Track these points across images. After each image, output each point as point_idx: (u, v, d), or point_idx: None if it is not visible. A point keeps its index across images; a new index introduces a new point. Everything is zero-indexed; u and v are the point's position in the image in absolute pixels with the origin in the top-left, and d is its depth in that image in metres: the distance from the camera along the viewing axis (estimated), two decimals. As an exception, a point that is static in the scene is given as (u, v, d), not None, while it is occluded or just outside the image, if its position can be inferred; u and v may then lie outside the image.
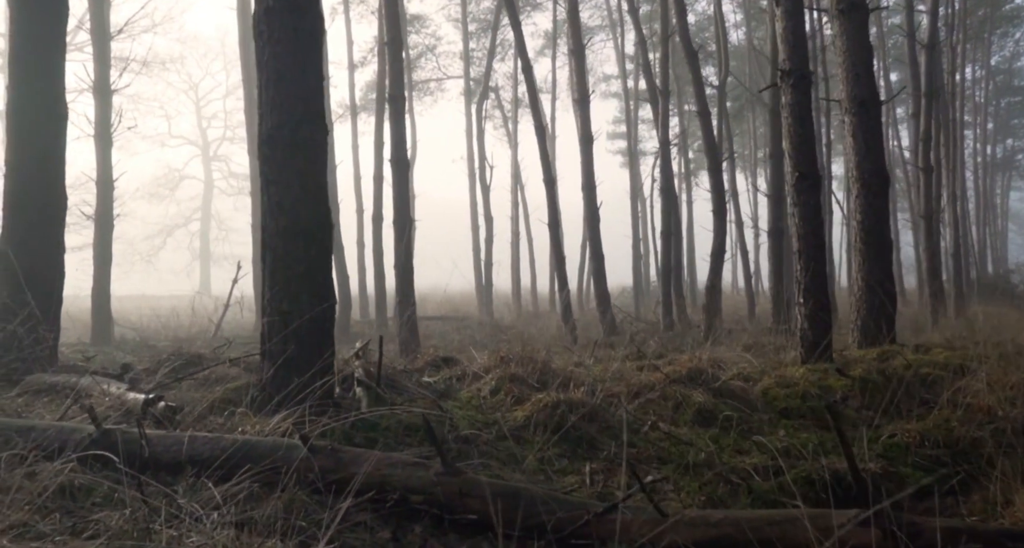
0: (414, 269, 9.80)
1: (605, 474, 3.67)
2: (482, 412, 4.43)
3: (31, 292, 5.25)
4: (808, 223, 5.30)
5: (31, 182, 5.52)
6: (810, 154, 5.37)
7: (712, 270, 12.61)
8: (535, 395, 4.49)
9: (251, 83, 17.80)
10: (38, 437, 3.02)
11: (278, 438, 3.12)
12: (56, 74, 5.68)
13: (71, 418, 3.83)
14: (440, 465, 3.05)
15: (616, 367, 5.42)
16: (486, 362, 5.29)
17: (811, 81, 5.43)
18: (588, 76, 15.41)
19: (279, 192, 4.06)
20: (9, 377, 4.97)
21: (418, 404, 4.42)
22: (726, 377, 4.93)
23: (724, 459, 3.71)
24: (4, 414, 4.02)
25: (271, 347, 4.06)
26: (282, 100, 4.05)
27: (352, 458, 3.07)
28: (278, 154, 4.05)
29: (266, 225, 4.13)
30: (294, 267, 4.07)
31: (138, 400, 3.95)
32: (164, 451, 3.01)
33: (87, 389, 4.41)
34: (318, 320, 4.11)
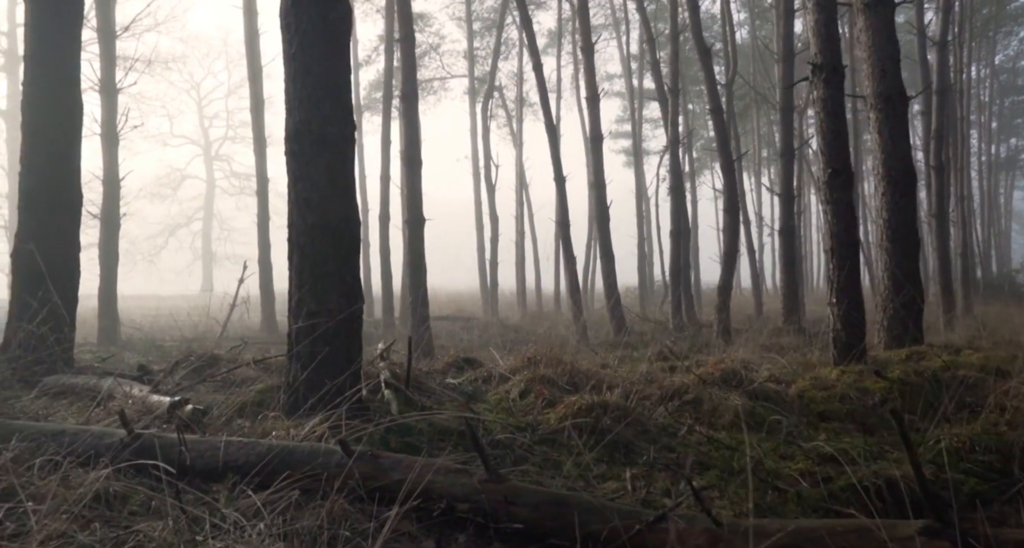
0: (426, 268, 9.70)
1: (646, 480, 3.55)
2: (513, 415, 4.32)
3: (47, 291, 5.13)
4: (841, 220, 5.19)
5: (47, 179, 5.41)
6: (843, 150, 5.26)
7: (724, 270, 12.49)
8: (566, 397, 4.38)
9: (256, 82, 17.69)
10: (69, 442, 2.91)
11: (315, 443, 3.01)
12: (71, 70, 5.57)
13: (95, 421, 3.72)
14: (483, 471, 2.94)
15: (644, 368, 5.31)
16: (512, 363, 5.18)
17: (843, 75, 5.32)
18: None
19: (307, 188, 3.94)
20: (27, 378, 4.86)
21: (447, 407, 4.32)
22: (759, 379, 4.82)
23: (768, 465, 3.60)
24: (27, 417, 3.91)
25: (299, 349, 3.95)
26: (310, 94, 3.94)
27: (392, 464, 2.96)
28: (306, 150, 3.94)
29: (293, 223, 4.02)
30: (323, 266, 3.96)
31: (163, 403, 3.84)
32: (198, 457, 2.90)
33: (109, 391, 4.30)
34: (347, 321, 4.00)
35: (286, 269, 4.13)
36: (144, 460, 2.71)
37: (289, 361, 4.03)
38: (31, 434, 2.93)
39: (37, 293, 5.15)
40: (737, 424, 4.15)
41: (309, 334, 3.94)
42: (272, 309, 16.93)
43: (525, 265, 26.39)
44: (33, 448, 2.81)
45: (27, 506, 2.28)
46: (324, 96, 3.94)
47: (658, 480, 3.53)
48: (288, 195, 4.04)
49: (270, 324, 16.72)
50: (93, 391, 4.51)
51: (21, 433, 2.89)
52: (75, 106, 5.59)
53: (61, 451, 2.81)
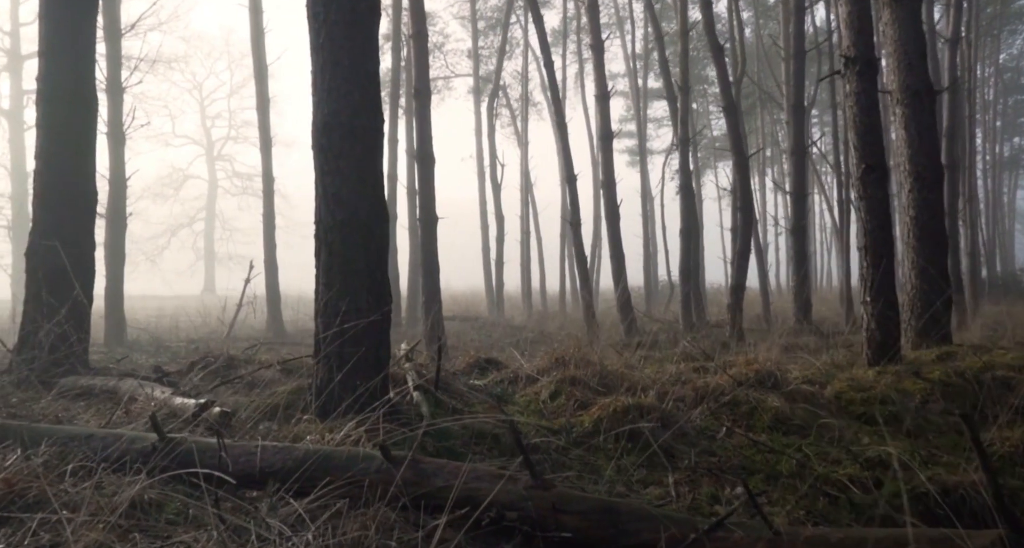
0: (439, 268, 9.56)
1: (689, 485, 3.43)
2: (545, 418, 4.20)
3: (63, 290, 5.01)
4: (876, 217, 5.06)
5: (63, 175, 5.28)
6: (877, 145, 5.14)
7: (738, 269, 12.38)
8: (599, 399, 4.26)
9: (262, 80, 17.57)
10: (97, 446, 2.79)
11: (353, 448, 2.89)
12: (88, 62, 5.44)
13: (119, 425, 3.60)
14: (529, 478, 2.82)
15: (673, 369, 5.20)
16: (538, 364, 5.05)
17: (877, 68, 5.19)
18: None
19: (336, 183, 3.82)
20: (43, 379, 4.74)
21: (477, 409, 4.20)
22: (793, 380, 4.70)
23: (815, 469, 3.48)
24: (48, 419, 3.79)
25: (328, 350, 3.83)
26: (339, 86, 3.82)
27: (434, 470, 2.84)
28: (335, 143, 3.82)
29: (321, 219, 3.90)
30: (352, 264, 3.84)
31: (188, 405, 3.72)
32: (233, 462, 2.78)
33: (129, 393, 4.17)
34: (377, 321, 3.88)
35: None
36: (181, 466, 2.59)
37: (317, 362, 3.91)
38: (59, 438, 2.80)
39: (53, 292, 5.02)
40: (777, 426, 4.03)
41: (338, 334, 3.81)
42: (278, 309, 16.81)
43: (531, 265, 26.24)
44: (62, 453, 2.69)
45: (62, 515, 2.16)
46: (353, 87, 3.82)
47: (702, 485, 3.42)
48: (315, 190, 3.92)
49: (276, 325, 16.60)
50: (112, 393, 4.39)
51: (49, 437, 2.77)
52: (91, 100, 5.47)
53: (91, 456, 2.69)
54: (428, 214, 9.30)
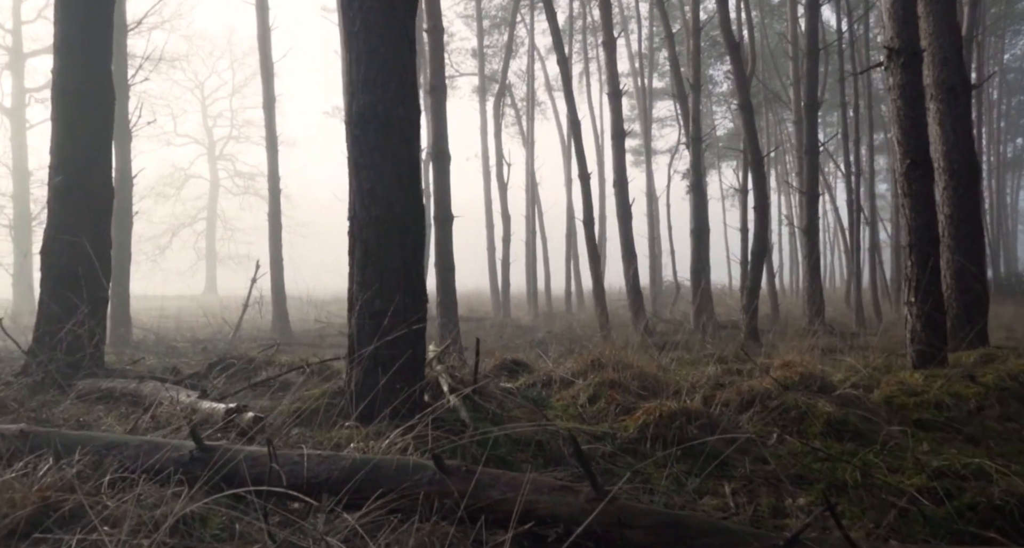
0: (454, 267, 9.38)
1: (747, 495, 3.26)
2: (586, 422, 4.03)
3: (78, 289, 4.83)
4: (921, 215, 4.89)
5: (79, 172, 5.11)
6: (922, 140, 4.97)
7: (753, 270, 12.20)
8: (641, 403, 4.09)
9: (268, 78, 17.39)
10: (132, 455, 2.61)
11: (402, 457, 2.71)
12: (104, 55, 5.26)
13: (144, 430, 3.43)
14: (590, 489, 2.64)
15: (711, 371, 5.03)
16: (573, 366, 4.88)
17: (923, 59, 5.01)
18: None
19: (371, 178, 3.65)
20: (57, 381, 4.56)
21: (517, 414, 4.03)
22: (838, 383, 4.53)
23: (878, 479, 3.31)
24: (69, 425, 3.62)
25: (363, 351, 3.65)
26: (375, 76, 3.65)
27: (490, 481, 2.66)
28: (370, 136, 3.65)
29: (356, 215, 3.72)
30: (388, 261, 3.66)
31: (216, 410, 3.55)
32: (266, 470, 2.60)
33: (152, 397, 4.00)
34: (413, 321, 3.71)
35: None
36: (221, 476, 2.41)
37: (350, 365, 3.74)
38: (92, 446, 2.63)
39: (68, 291, 4.85)
40: (829, 433, 3.86)
41: (373, 335, 3.65)
42: (284, 309, 16.63)
43: (536, 265, 26.07)
44: (96, 462, 2.52)
45: (102, 532, 1.98)
46: (390, 77, 3.65)
47: (761, 495, 3.24)
48: (349, 185, 3.75)
49: (282, 325, 16.41)
50: (133, 396, 4.22)
51: (82, 445, 2.60)
52: (107, 95, 5.29)
53: (126, 465, 2.52)
54: (443, 212, 9.12)
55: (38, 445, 2.63)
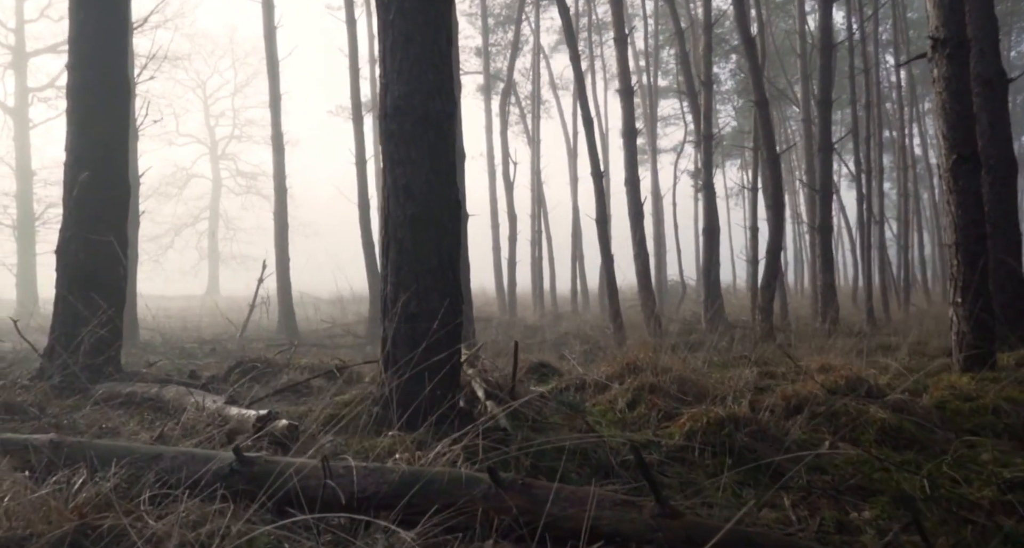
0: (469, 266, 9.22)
1: (806, 507, 3.10)
2: (627, 429, 3.86)
3: (95, 290, 4.67)
4: (968, 212, 4.72)
5: (95, 169, 4.94)
6: (969, 133, 4.80)
7: (768, 268, 12.04)
8: (684, 409, 3.93)
9: (274, 76, 17.19)
10: (168, 467, 2.45)
11: (453, 470, 2.55)
12: (121, 49, 5.10)
13: (171, 438, 3.27)
14: (655, 504, 2.48)
15: (748, 375, 4.87)
16: (607, 369, 4.72)
17: (969, 49, 4.84)
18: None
19: (407, 174, 3.49)
20: (74, 385, 4.39)
21: (555, 419, 3.87)
22: (885, 388, 4.36)
23: (945, 491, 3.15)
24: (92, 432, 3.46)
25: (398, 355, 3.49)
26: (411, 66, 3.48)
27: (547, 495, 2.50)
28: (406, 129, 3.48)
29: (390, 213, 3.56)
30: (424, 262, 3.50)
31: (245, 417, 3.38)
32: (319, 486, 2.44)
33: (176, 402, 3.84)
34: (449, 323, 3.55)
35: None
36: (260, 489, 2.25)
37: (384, 369, 3.58)
38: (127, 459, 2.46)
39: (84, 292, 4.69)
40: (884, 440, 3.70)
41: (409, 339, 3.49)
42: (291, 309, 16.47)
43: (543, 264, 25.90)
44: (131, 475, 2.36)
45: (146, 556, 1.82)
46: (426, 68, 3.49)
47: (822, 507, 3.08)
48: (383, 181, 3.59)
49: (289, 325, 16.25)
50: (155, 401, 4.06)
51: (118, 458, 2.44)
52: (123, 89, 5.13)
53: (163, 478, 2.36)
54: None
55: (70, 457, 2.47)
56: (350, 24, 16.22)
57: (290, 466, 2.36)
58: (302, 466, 2.47)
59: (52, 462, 2.42)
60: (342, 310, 21.46)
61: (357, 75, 16.14)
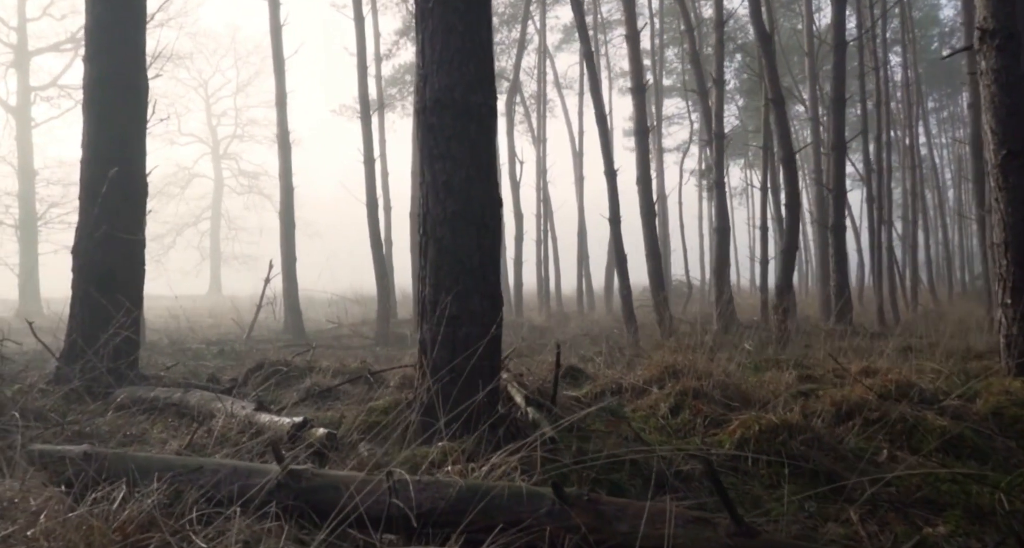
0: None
1: (874, 521, 2.94)
2: (672, 436, 3.70)
3: (114, 290, 4.50)
4: (1018, 209, 4.54)
5: (112, 164, 4.77)
6: (1020, 129, 4.61)
7: (784, 268, 11.89)
8: (731, 415, 3.77)
9: (280, 74, 17.03)
10: (209, 481, 2.29)
11: (513, 485, 2.39)
12: (138, 42, 4.94)
13: (201, 447, 3.11)
14: (730, 522, 2.32)
15: (787, 378, 4.71)
16: (644, 373, 4.56)
17: (1020, 41, 4.66)
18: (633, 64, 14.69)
19: (447, 169, 3.32)
20: (92, 389, 4.23)
21: (597, 426, 3.70)
22: (937, 393, 4.20)
23: (1020, 505, 2.98)
24: (117, 440, 3.29)
25: (436, 359, 3.33)
26: (452, 56, 3.32)
27: (616, 512, 2.34)
28: (447, 122, 3.32)
29: (429, 211, 3.40)
30: (465, 261, 3.34)
31: (278, 424, 3.22)
32: (371, 501, 2.28)
33: (202, 408, 3.67)
34: (490, 326, 3.38)
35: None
36: (308, 504, 2.08)
37: (422, 374, 3.41)
38: (165, 471, 2.30)
39: (102, 293, 4.52)
40: (947, 449, 3.53)
41: (449, 342, 3.32)
42: (297, 310, 16.31)
43: (549, 265, 25.74)
44: (173, 490, 2.20)
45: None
46: (468, 58, 3.32)
47: (892, 522, 2.92)
48: (421, 178, 3.42)
49: (296, 325, 16.09)
50: (179, 407, 3.90)
51: (159, 471, 2.27)
52: (140, 82, 4.97)
53: (207, 493, 2.20)
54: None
55: (105, 469, 2.31)
56: (358, 21, 16.04)
57: (342, 481, 2.20)
58: (349, 479, 2.31)
59: (87, 475, 2.26)
60: (344, 310, 21.31)
61: (365, 73, 15.98)
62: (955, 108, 42.24)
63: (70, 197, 27.76)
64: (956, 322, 12.26)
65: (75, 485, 2.21)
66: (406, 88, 30.03)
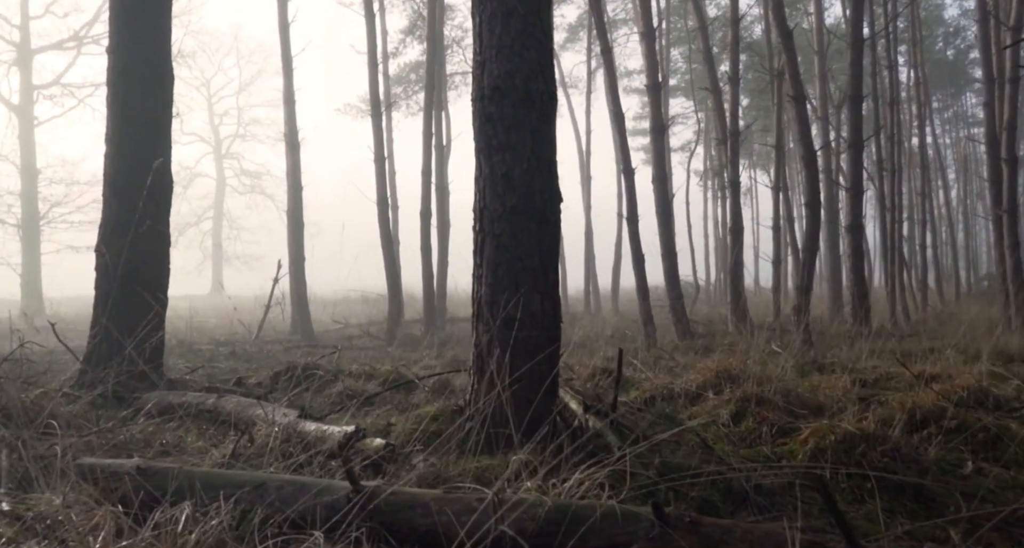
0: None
1: (980, 542, 2.72)
2: (738, 445, 3.49)
3: (138, 289, 4.29)
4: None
5: (138, 160, 4.57)
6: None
7: (805, 267, 11.68)
8: (800, 423, 3.56)
9: (288, 72, 16.79)
10: (273, 498, 2.08)
11: (605, 503, 2.17)
12: (165, 30, 4.73)
13: (246, 457, 2.89)
14: (846, 545, 2.11)
15: (843, 383, 4.50)
16: (698, 377, 4.35)
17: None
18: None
19: (507, 161, 3.11)
20: (117, 393, 4.01)
21: (657, 435, 3.49)
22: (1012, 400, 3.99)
23: None
24: (155, 450, 3.08)
25: (494, 364, 3.12)
26: (511, 41, 3.11)
27: (721, 534, 2.13)
28: (506, 112, 3.11)
29: (486, 205, 3.19)
30: (524, 259, 3.13)
31: (326, 433, 3.01)
32: (454, 522, 2.06)
33: (239, 415, 3.46)
34: (550, 329, 3.17)
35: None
36: (384, 525, 1.87)
37: (478, 380, 3.20)
38: (227, 488, 2.09)
39: (128, 292, 4.30)
40: (1031, 459, 3.32)
41: (507, 345, 3.11)
42: (306, 310, 16.11)
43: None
44: (237, 509, 1.98)
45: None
46: (529, 43, 3.11)
47: (998, 544, 2.70)
48: (478, 171, 3.21)
49: (304, 326, 15.89)
50: (213, 413, 3.68)
51: (219, 487, 2.06)
52: (166, 72, 4.76)
53: (271, 512, 1.98)
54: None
55: (159, 485, 2.09)
56: (369, 18, 15.83)
57: (420, 499, 1.98)
58: (431, 497, 2.10)
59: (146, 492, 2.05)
60: (348, 309, 21.10)
61: (375, 70, 15.77)
62: (959, 108, 42.11)
63: (72, 196, 27.56)
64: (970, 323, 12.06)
65: (134, 503, 1.99)
66: (411, 87, 29.85)
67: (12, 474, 2.56)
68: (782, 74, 17.58)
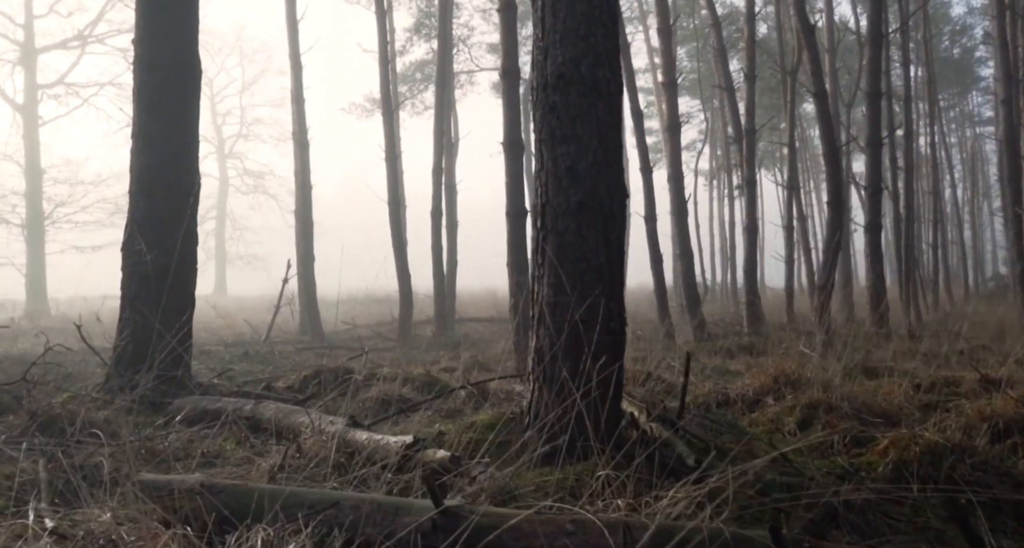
0: (528, 267, 8.64)
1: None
2: (809, 456, 3.29)
3: (171, 290, 4.10)
4: None
5: (165, 155, 4.37)
6: None
7: (827, 266, 11.50)
8: (875, 433, 3.36)
9: (297, 70, 16.58)
10: (352, 519, 1.88)
11: (711, 526, 1.98)
12: (193, 20, 4.53)
13: (298, 469, 2.70)
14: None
15: (903, 388, 4.30)
16: (754, 382, 4.15)
17: None
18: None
19: (572, 153, 2.92)
20: (151, 399, 3.82)
21: (725, 443, 3.29)
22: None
23: None
24: (199, 461, 2.88)
25: (557, 369, 2.93)
26: (576, 26, 2.91)
27: (842, 560, 1.93)
28: (572, 101, 2.91)
29: (549, 201, 2.99)
30: (591, 258, 2.93)
31: (381, 444, 2.81)
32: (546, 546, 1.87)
33: (280, 423, 3.27)
34: (616, 332, 2.98)
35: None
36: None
37: (540, 386, 3.01)
38: (299, 508, 1.89)
39: (153, 295, 4.11)
40: None
41: (572, 350, 2.92)
42: (316, 310, 15.91)
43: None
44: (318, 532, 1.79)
45: None
46: (595, 27, 2.92)
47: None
48: (539, 164, 3.02)
49: (314, 327, 15.69)
50: (251, 420, 3.49)
51: (292, 506, 1.86)
52: (195, 64, 4.56)
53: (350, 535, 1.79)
54: (517, 208, 8.36)
55: (225, 503, 1.90)
56: (379, 15, 15.65)
57: (507, 519, 1.79)
58: (524, 519, 1.90)
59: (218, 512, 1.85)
60: (353, 309, 20.92)
61: (387, 68, 15.57)
62: (965, 107, 41.93)
63: (76, 196, 27.37)
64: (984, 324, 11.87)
65: (194, 523, 1.80)
66: (416, 86, 29.66)
67: (52, 486, 2.37)
68: (795, 71, 17.41)
